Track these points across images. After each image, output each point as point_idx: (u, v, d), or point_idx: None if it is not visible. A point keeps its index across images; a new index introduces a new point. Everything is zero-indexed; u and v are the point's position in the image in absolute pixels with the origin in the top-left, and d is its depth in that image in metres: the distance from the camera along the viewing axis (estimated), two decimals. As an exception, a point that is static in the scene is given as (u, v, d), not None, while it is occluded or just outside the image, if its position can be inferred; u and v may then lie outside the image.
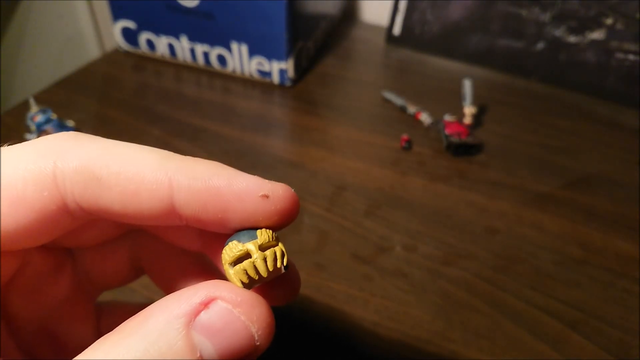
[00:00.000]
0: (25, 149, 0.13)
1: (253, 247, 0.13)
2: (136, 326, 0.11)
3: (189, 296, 0.12)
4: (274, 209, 0.13)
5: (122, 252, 0.18)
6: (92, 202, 0.13)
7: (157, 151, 0.13)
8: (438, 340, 0.26)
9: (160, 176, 0.12)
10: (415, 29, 0.54)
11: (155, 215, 0.13)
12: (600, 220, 0.34)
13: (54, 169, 0.12)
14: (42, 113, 0.38)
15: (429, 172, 0.38)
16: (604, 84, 0.48)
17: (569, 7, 0.47)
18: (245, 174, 0.13)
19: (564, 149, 0.41)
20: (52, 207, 0.12)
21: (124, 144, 0.13)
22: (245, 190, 0.13)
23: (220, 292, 0.12)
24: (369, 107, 0.45)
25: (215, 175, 0.13)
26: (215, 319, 0.11)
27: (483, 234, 0.32)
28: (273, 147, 0.40)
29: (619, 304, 0.28)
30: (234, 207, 0.13)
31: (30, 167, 0.12)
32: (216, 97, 0.46)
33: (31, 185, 0.12)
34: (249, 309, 0.12)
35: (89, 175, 0.12)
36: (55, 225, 0.13)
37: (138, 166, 0.12)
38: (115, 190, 0.12)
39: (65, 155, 0.12)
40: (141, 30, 0.48)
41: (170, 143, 0.39)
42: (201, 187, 0.13)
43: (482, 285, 0.29)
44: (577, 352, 0.26)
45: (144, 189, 0.12)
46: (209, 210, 0.13)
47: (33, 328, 0.16)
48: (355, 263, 0.30)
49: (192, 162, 0.13)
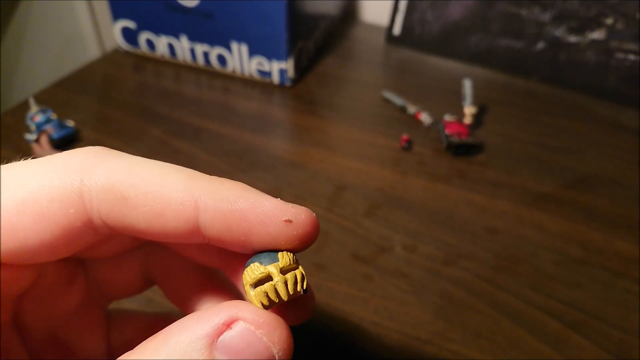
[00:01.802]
0: (51, 164, 0.13)
1: (275, 270, 0.13)
2: (158, 346, 0.11)
3: (210, 316, 0.12)
4: (296, 233, 0.13)
5: (134, 264, 0.18)
6: (117, 220, 0.13)
7: (183, 170, 0.13)
8: (438, 340, 0.26)
9: (187, 197, 0.12)
10: (415, 29, 0.54)
11: (179, 235, 0.13)
12: (600, 220, 0.34)
13: (80, 187, 0.12)
14: (42, 113, 0.38)
15: (429, 172, 0.38)
16: (604, 84, 0.48)
17: (569, 7, 0.47)
18: (270, 197, 0.13)
19: (564, 149, 0.41)
20: (77, 223, 0.12)
21: (150, 162, 0.13)
22: (269, 215, 0.13)
23: (242, 313, 0.12)
24: (369, 107, 0.45)
25: (241, 198, 0.13)
26: (237, 340, 0.12)
27: (483, 234, 0.32)
28: (273, 147, 0.40)
29: (619, 304, 0.28)
30: (257, 231, 0.13)
31: (56, 183, 0.12)
32: (216, 97, 0.46)
33: (57, 202, 0.12)
34: (271, 330, 0.12)
35: (116, 194, 0.12)
36: (78, 240, 0.13)
37: (165, 186, 0.13)
38: (141, 209, 0.12)
39: (92, 173, 0.12)
40: (141, 30, 0.48)
41: (170, 143, 0.39)
42: (226, 209, 0.13)
43: (482, 285, 0.29)
44: (577, 352, 0.26)
45: (171, 210, 0.12)
46: (232, 232, 0.13)
47: (44, 336, 0.16)
48: (355, 263, 0.30)
49: (218, 183, 0.13)
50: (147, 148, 0.39)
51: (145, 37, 0.49)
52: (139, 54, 0.51)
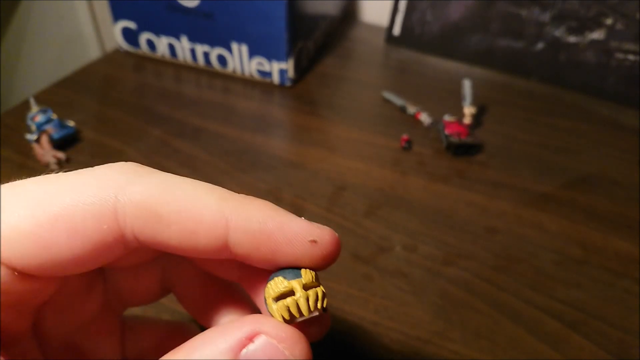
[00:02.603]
0: (84, 179, 0.13)
1: (298, 286, 0.13)
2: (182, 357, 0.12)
3: (234, 330, 0.12)
4: (320, 253, 0.14)
5: (153, 273, 0.18)
6: (150, 236, 0.13)
7: (215, 189, 0.13)
8: (438, 340, 0.26)
9: (219, 217, 0.13)
10: (415, 29, 0.54)
11: (209, 252, 0.13)
12: (600, 220, 0.34)
13: (114, 203, 0.12)
14: (43, 113, 0.38)
15: (429, 172, 0.38)
16: (604, 84, 0.48)
17: (569, 7, 0.47)
18: (296, 217, 0.14)
19: (564, 149, 0.41)
20: (109, 239, 0.13)
21: (182, 180, 0.13)
22: (296, 236, 0.13)
23: (264, 327, 0.12)
24: (369, 107, 0.46)
25: (269, 219, 0.13)
26: (260, 353, 0.12)
27: (483, 234, 0.32)
28: (273, 147, 0.40)
29: (619, 304, 0.28)
30: (284, 250, 0.13)
31: (90, 200, 0.12)
32: (216, 97, 0.46)
33: (91, 219, 0.12)
34: (293, 344, 0.12)
35: (150, 212, 0.13)
36: (108, 254, 0.13)
37: (198, 205, 0.13)
38: (174, 227, 0.13)
39: (126, 189, 0.13)
40: (141, 30, 0.49)
41: (171, 143, 0.39)
42: (256, 229, 0.13)
43: (482, 285, 0.29)
44: (577, 352, 0.26)
45: (202, 228, 0.13)
46: (260, 250, 0.13)
47: (60, 342, 0.16)
48: (355, 263, 0.30)
49: (248, 203, 0.13)
50: (147, 148, 0.39)
51: (146, 37, 0.49)
52: (140, 54, 0.51)
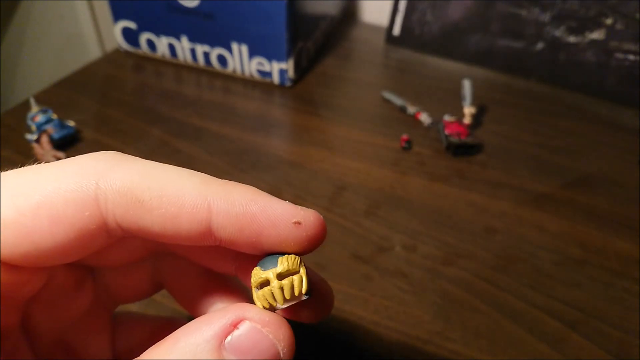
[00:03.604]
0: (65, 168, 0.13)
1: (272, 276, 0.13)
2: (168, 349, 0.12)
3: (218, 318, 0.12)
4: (305, 235, 0.14)
5: (144, 271, 0.18)
6: (132, 223, 0.13)
7: (197, 175, 0.13)
8: (438, 339, 0.26)
9: (201, 201, 0.13)
10: (415, 30, 0.54)
11: (192, 237, 0.13)
12: (600, 220, 0.34)
13: (95, 190, 0.12)
14: (43, 113, 0.38)
15: (429, 172, 0.38)
16: (604, 84, 0.48)
17: (569, 7, 0.47)
18: (280, 200, 0.14)
19: (563, 149, 0.41)
20: (91, 226, 0.13)
21: (163, 166, 0.13)
22: (279, 217, 0.13)
23: (248, 313, 0.12)
24: (369, 107, 0.46)
25: (252, 201, 0.13)
26: (245, 339, 0.12)
27: (483, 234, 0.32)
28: (273, 147, 0.40)
29: (619, 304, 0.28)
30: (268, 232, 0.13)
31: (72, 187, 0.12)
32: (216, 97, 0.46)
33: (72, 206, 0.12)
34: (276, 328, 0.12)
35: (131, 197, 0.13)
36: (92, 243, 0.13)
37: (179, 190, 0.13)
38: (156, 212, 0.13)
39: (107, 176, 0.13)
40: (142, 30, 0.49)
41: (171, 143, 0.39)
42: (239, 212, 0.13)
43: (482, 285, 0.29)
44: (577, 352, 0.26)
45: (184, 212, 0.13)
46: (244, 233, 0.13)
47: (51, 338, 0.16)
48: (355, 263, 0.30)
49: (231, 187, 0.13)
50: (147, 148, 0.39)
51: (146, 37, 0.49)
52: (140, 54, 0.51)
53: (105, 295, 0.18)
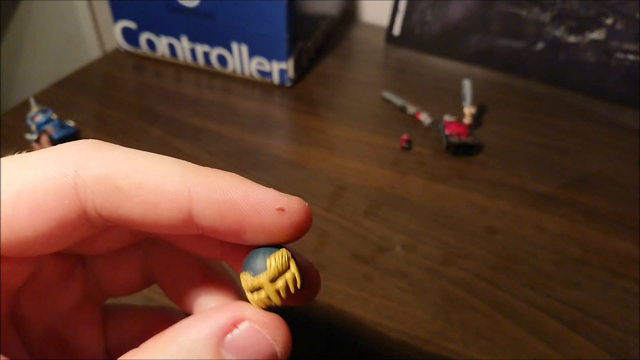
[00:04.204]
0: (45, 157, 0.13)
1: (264, 281, 0.13)
2: (165, 344, 0.12)
3: (218, 316, 0.12)
4: (289, 222, 0.13)
5: (133, 262, 0.18)
6: (112, 211, 0.13)
7: (177, 162, 0.13)
8: (438, 340, 0.26)
9: (181, 188, 0.13)
10: (415, 29, 0.54)
11: (173, 225, 0.13)
12: (600, 220, 0.34)
13: (75, 178, 0.12)
14: (43, 113, 0.38)
15: (429, 172, 0.38)
16: (604, 84, 0.48)
17: (569, 7, 0.47)
18: (262, 187, 0.14)
19: (563, 149, 0.41)
20: (71, 215, 0.12)
21: (144, 154, 0.13)
22: (262, 203, 0.13)
23: (247, 313, 0.13)
24: (369, 107, 0.46)
25: (234, 188, 0.13)
26: (243, 339, 0.12)
27: (483, 234, 0.32)
28: (273, 147, 0.40)
29: (619, 304, 0.28)
30: (250, 219, 0.13)
31: (50, 175, 0.12)
32: (216, 97, 0.46)
33: (52, 194, 0.12)
34: (274, 329, 0.13)
35: (110, 185, 0.12)
36: (73, 232, 0.13)
37: (159, 177, 0.13)
38: (135, 200, 0.13)
39: (87, 164, 0.12)
40: (141, 30, 0.49)
41: (171, 143, 0.39)
42: (220, 199, 0.13)
43: (482, 285, 0.29)
44: (577, 352, 0.26)
45: (164, 200, 0.13)
46: (226, 221, 0.13)
47: (41, 331, 0.16)
48: (355, 263, 0.30)
49: (212, 174, 0.13)
50: (147, 148, 0.39)
51: (146, 37, 0.49)
52: (140, 54, 0.51)
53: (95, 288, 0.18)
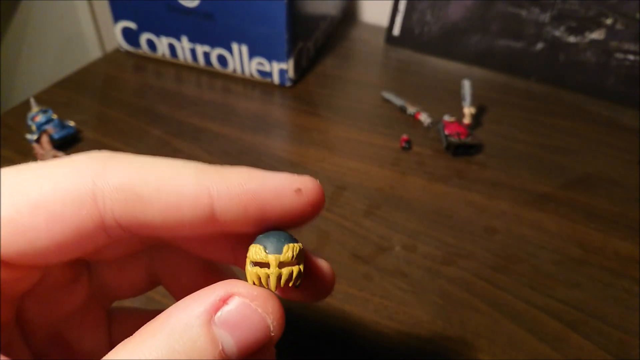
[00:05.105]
0: (62, 167, 0.13)
1: (273, 262, 0.13)
2: (158, 327, 0.12)
3: (207, 294, 0.12)
4: (307, 201, 0.14)
5: (139, 265, 0.18)
6: (131, 219, 0.13)
7: (191, 164, 0.14)
8: (438, 339, 0.26)
9: (200, 188, 0.13)
10: (414, 30, 0.54)
11: (195, 225, 0.13)
12: (600, 220, 0.34)
13: (93, 188, 0.12)
14: (43, 113, 0.38)
15: (429, 172, 0.38)
16: (604, 84, 0.48)
17: (569, 7, 0.47)
18: (275, 172, 0.14)
19: (563, 149, 0.41)
20: (89, 225, 0.13)
21: (157, 159, 0.14)
22: (280, 188, 0.14)
23: (236, 288, 0.13)
24: (369, 107, 0.46)
25: (250, 179, 0.14)
26: (234, 313, 0.12)
27: (482, 234, 0.32)
28: (273, 147, 0.40)
29: (618, 304, 0.28)
30: (272, 205, 0.14)
31: (69, 185, 0.12)
32: (217, 97, 0.46)
33: (70, 205, 0.12)
34: (265, 301, 0.13)
35: (130, 192, 0.13)
36: (89, 242, 0.13)
37: (177, 180, 0.13)
38: (156, 205, 0.13)
39: (104, 174, 0.13)
40: (142, 30, 0.49)
41: (171, 143, 0.39)
42: (240, 191, 0.13)
43: (482, 284, 0.29)
44: (576, 352, 0.26)
45: (186, 202, 0.13)
46: (248, 212, 0.14)
47: (46, 334, 0.16)
48: (355, 263, 0.30)
49: (226, 171, 0.14)
50: (147, 148, 0.39)
51: (146, 37, 0.49)
52: (140, 55, 0.51)
53: (100, 290, 0.18)
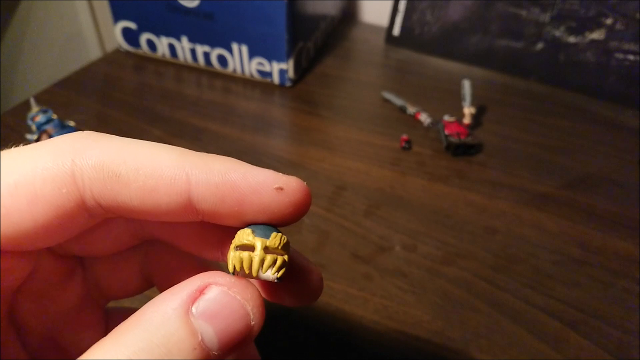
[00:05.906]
0: (41, 148, 0.13)
1: (259, 245, 0.13)
2: (134, 322, 0.12)
3: (183, 287, 0.12)
4: (288, 201, 0.13)
5: (133, 264, 0.18)
6: (110, 199, 0.13)
7: (173, 148, 0.13)
8: (438, 339, 0.26)
9: (179, 172, 0.13)
10: (414, 30, 0.54)
11: (173, 210, 0.13)
12: (600, 220, 0.34)
13: (72, 167, 0.12)
14: (43, 113, 0.38)
15: (429, 172, 0.38)
16: (604, 84, 0.48)
17: (569, 7, 0.47)
18: (260, 168, 0.14)
19: (563, 149, 0.41)
20: (70, 204, 0.12)
21: (140, 142, 0.13)
22: (261, 183, 0.13)
23: (214, 278, 0.12)
24: (369, 107, 0.46)
25: (232, 170, 0.13)
26: (212, 302, 0.12)
27: (482, 234, 0.32)
28: (273, 147, 0.40)
29: (618, 304, 0.28)
30: (250, 200, 0.13)
31: (48, 165, 0.12)
32: (217, 97, 0.46)
33: (49, 183, 0.12)
34: (243, 289, 0.12)
35: (108, 172, 0.12)
36: (72, 222, 0.13)
37: (156, 162, 0.13)
38: (134, 186, 0.13)
39: (83, 153, 0.13)
40: (142, 30, 0.49)
41: (171, 143, 0.39)
42: (218, 180, 0.13)
43: (482, 284, 0.29)
44: (576, 352, 0.26)
45: (163, 184, 0.13)
46: (225, 203, 0.13)
47: (41, 333, 0.16)
48: (355, 263, 0.30)
49: (209, 158, 0.13)
50: (147, 148, 0.39)
51: (146, 37, 0.49)
52: (140, 55, 0.51)
53: (95, 290, 0.17)
